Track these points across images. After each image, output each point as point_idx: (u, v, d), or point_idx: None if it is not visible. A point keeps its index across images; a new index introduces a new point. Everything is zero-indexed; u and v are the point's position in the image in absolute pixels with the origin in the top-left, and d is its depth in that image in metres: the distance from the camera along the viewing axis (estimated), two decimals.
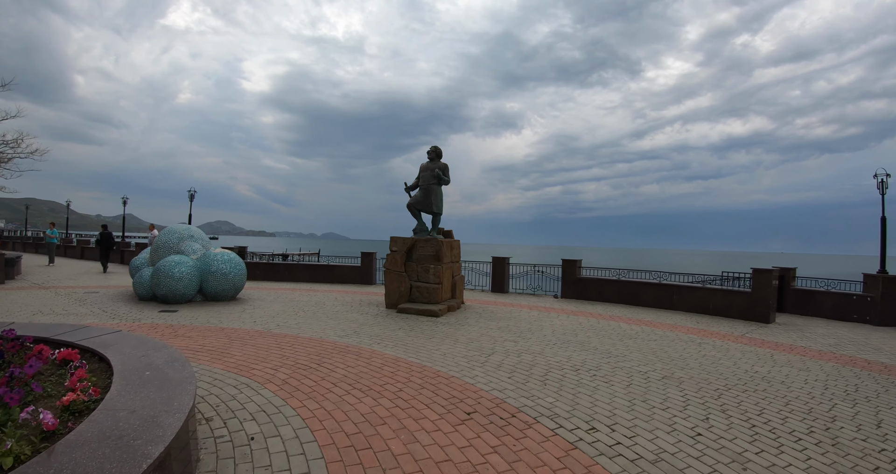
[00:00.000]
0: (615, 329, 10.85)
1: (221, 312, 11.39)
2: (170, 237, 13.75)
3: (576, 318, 12.16)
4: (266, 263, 19.48)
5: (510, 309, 13.33)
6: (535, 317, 12.15)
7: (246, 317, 10.73)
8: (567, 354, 8.19)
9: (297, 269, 18.98)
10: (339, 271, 18.57)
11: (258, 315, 11.06)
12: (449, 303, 12.45)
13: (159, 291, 12.61)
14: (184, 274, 12.56)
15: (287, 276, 18.96)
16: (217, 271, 12.92)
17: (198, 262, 13.10)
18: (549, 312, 12.98)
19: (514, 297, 16.32)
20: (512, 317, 11.85)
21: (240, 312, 11.39)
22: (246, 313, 11.28)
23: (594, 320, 11.99)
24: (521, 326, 10.72)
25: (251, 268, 19.43)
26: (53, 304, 11.97)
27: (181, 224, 14.45)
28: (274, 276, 19.10)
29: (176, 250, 13.55)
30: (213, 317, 10.82)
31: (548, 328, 10.64)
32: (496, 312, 12.58)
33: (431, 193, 12.82)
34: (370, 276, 18.37)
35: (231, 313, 11.28)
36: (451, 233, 13.77)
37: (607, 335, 10.11)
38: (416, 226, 13.11)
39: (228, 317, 10.83)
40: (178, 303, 12.70)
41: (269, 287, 16.93)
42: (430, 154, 13.19)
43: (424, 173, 13.03)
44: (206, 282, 12.97)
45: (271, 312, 11.45)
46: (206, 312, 11.41)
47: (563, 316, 12.50)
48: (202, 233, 14.46)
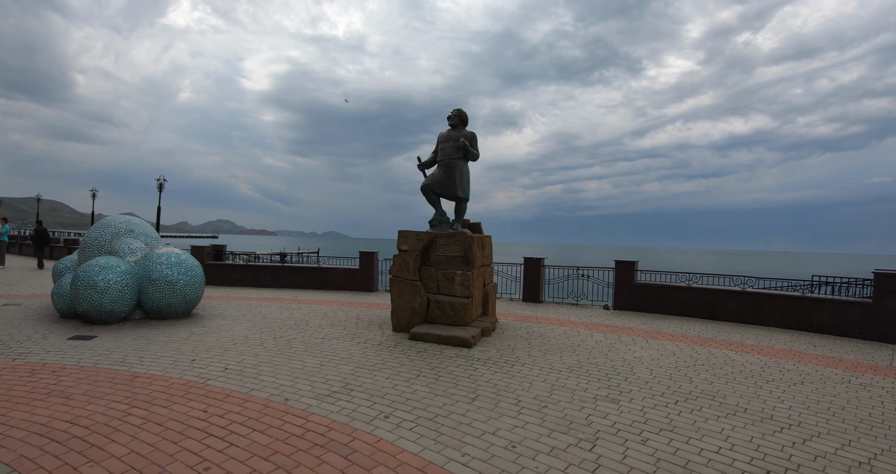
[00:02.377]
0: (727, 362, 7.69)
1: (155, 340, 7.84)
2: (101, 233, 10.18)
3: (658, 343, 8.75)
4: (244, 265, 15.91)
5: (561, 329, 9.78)
6: (602, 342, 8.62)
7: (185, 351, 7.18)
8: (718, 428, 4.76)
9: (283, 272, 15.39)
10: (333, 275, 14.99)
11: (206, 346, 7.50)
12: (482, 323, 8.91)
13: (79, 306, 9.06)
14: (111, 283, 8.99)
15: (269, 281, 15.40)
16: (159, 279, 9.35)
17: (135, 267, 9.53)
18: (615, 333, 9.49)
19: (555, 309, 12.73)
20: (574, 345, 8.31)
21: (181, 340, 7.83)
22: (190, 342, 7.71)
23: (684, 346, 8.69)
24: (597, 362, 7.23)
25: (227, 272, 15.88)
26: None
27: (122, 215, 10.89)
28: (253, 281, 15.55)
29: (108, 250, 9.98)
30: (138, 349, 7.29)
31: (637, 364, 7.23)
32: (546, 336, 9.02)
33: (455, 171, 9.25)
34: (370, 281, 14.78)
35: (168, 342, 7.71)
36: (480, 225, 10.19)
37: (729, 376, 6.91)
38: (433, 216, 9.54)
39: (161, 349, 7.29)
40: (107, 322, 9.15)
41: (244, 295, 13.36)
42: (452, 119, 9.62)
43: (444, 145, 9.47)
44: (145, 294, 9.41)
45: (228, 340, 7.88)
46: (132, 340, 7.86)
47: (640, 339, 9.00)
48: (149, 226, 10.89)
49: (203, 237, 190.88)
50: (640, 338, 9.18)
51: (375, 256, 14.86)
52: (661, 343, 8.87)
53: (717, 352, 8.27)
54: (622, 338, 9.19)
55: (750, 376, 6.85)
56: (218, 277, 15.94)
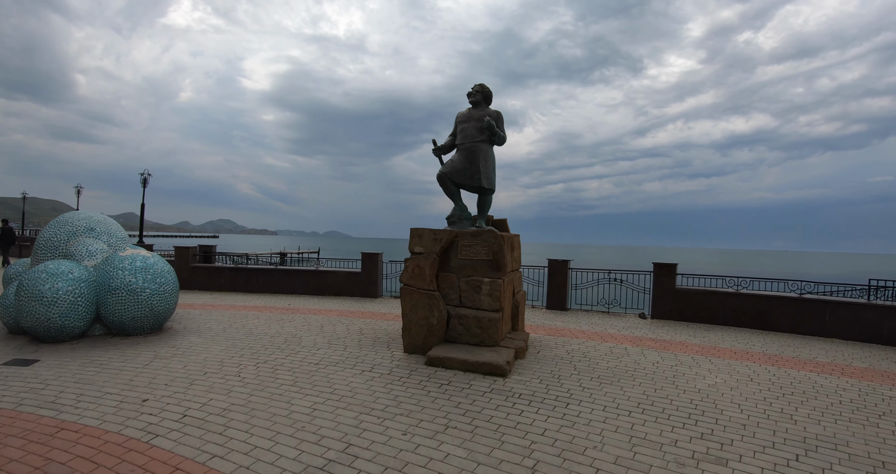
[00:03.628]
0: (816, 388, 6.34)
1: (107, 367, 6.21)
2: (56, 232, 8.54)
3: (724, 364, 7.32)
4: (233, 268, 14.25)
5: (604, 346, 8.15)
6: (660, 364, 7.07)
7: (140, 385, 5.55)
8: None
9: (276, 276, 13.72)
10: (332, 279, 13.33)
11: (168, 376, 5.86)
12: (513, 342, 7.28)
13: (24, 321, 7.45)
14: (61, 293, 7.36)
15: (261, 285, 13.75)
16: (121, 287, 7.71)
17: (92, 273, 7.90)
18: (668, 350, 7.94)
19: (586, 319, 11.07)
20: (629, 370, 6.71)
21: (140, 368, 6.19)
22: (149, 371, 6.07)
23: (755, 367, 7.25)
24: (668, 395, 5.75)
25: (214, 275, 14.24)
26: None
27: (82, 211, 9.26)
28: (244, 285, 13.90)
29: (63, 253, 8.36)
30: (82, 381, 5.68)
31: (718, 396, 5.78)
32: (591, 356, 7.39)
33: (478, 157, 7.64)
34: (374, 286, 13.12)
35: (122, 371, 6.08)
36: (506, 222, 8.55)
37: (832, 410, 5.55)
38: (451, 211, 7.91)
39: (110, 381, 5.67)
40: (57, 339, 7.54)
41: (231, 303, 11.72)
42: (474, 96, 8.00)
43: (465, 125, 7.85)
44: (104, 306, 7.77)
45: (197, 368, 6.24)
46: (80, 367, 6.24)
47: (701, 359, 7.51)
48: (114, 224, 9.25)
49: (204, 237, 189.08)
50: (699, 357, 7.60)
51: (379, 258, 13.19)
52: (728, 363, 7.31)
53: (798, 375, 6.78)
54: (679, 356, 7.59)
55: (855, 409, 5.48)
56: (205, 281, 14.30)
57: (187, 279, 14.33)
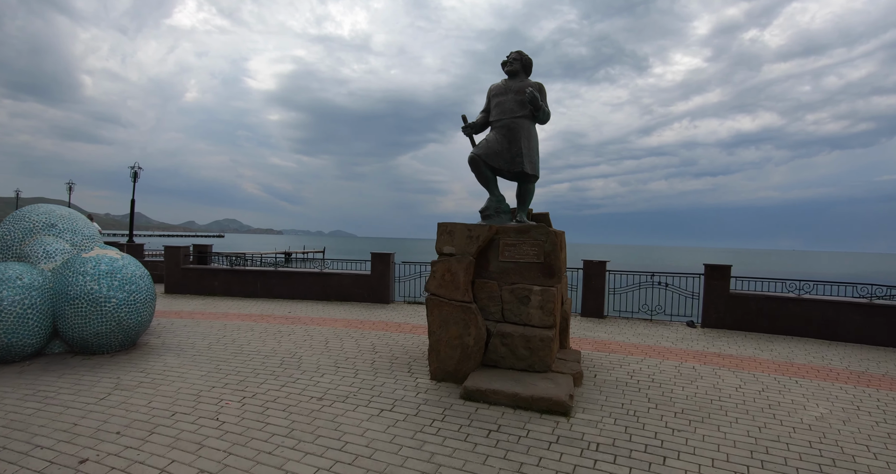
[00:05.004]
0: None
1: (51, 402, 4.78)
2: (10, 229, 7.12)
3: (815, 386, 5.94)
4: (228, 270, 12.79)
5: (668, 364, 6.69)
6: (745, 390, 5.68)
7: (84, 432, 4.12)
8: None
9: (276, 279, 12.23)
10: (338, 282, 11.85)
11: (124, 419, 4.41)
12: (565, 364, 5.83)
13: None
14: (5, 303, 5.94)
15: (259, 289, 12.29)
16: (81, 296, 6.27)
17: (48, 279, 6.48)
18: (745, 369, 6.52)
19: (630, 328, 9.57)
20: (715, 400, 5.31)
21: (91, 404, 4.75)
22: (101, 410, 4.62)
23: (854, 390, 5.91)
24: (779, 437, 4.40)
25: (207, 278, 12.80)
26: None
27: (43, 204, 7.84)
28: (239, 289, 12.44)
29: (16, 254, 6.94)
30: (11, 425, 4.27)
31: (839, 437, 4.49)
32: (662, 381, 5.93)
33: (519, 135, 6.21)
34: (385, 290, 11.63)
35: (67, 409, 4.63)
36: (548, 216, 7.05)
37: None
38: (486, 202, 6.45)
39: (48, 425, 4.25)
40: (5, 360, 6.14)
41: (224, 310, 10.27)
42: (512, 64, 6.56)
43: (502, 99, 6.42)
44: (61, 318, 6.34)
45: (165, 404, 4.78)
46: (17, 403, 4.82)
47: (786, 380, 6.12)
48: (81, 219, 7.82)
49: (209, 236, 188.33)
50: (782, 377, 6.30)
51: (390, 259, 11.71)
52: (817, 385, 6.02)
53: None
54: (759, 377, 6.26)
55: None
56: (197, 285, 12.86)
57: (177, 282, 12.91)
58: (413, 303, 11.54)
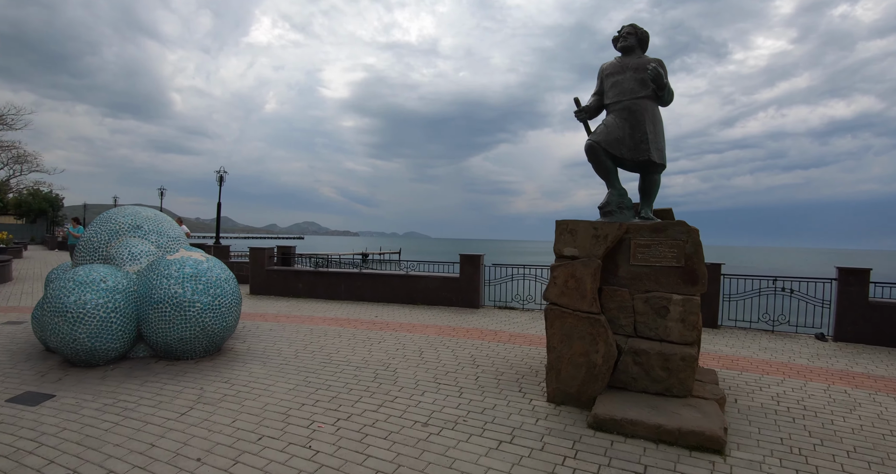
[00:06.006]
0: None
1: (132, 413, 4.34)
2: (97, 231, 6.93)
3: None
4: (313, 272, 12.45)
5: (811, 386, 5.53)
6: None
7: (158, 458, 3.59)
8: None
9: (360, 281, 11.73)
10: (425, 285, 11.21)
11: (207, 442, 3.85)
12: (705, 386, 4.85)
13: (49, 340, 5.84)
14: (89, 307, 5.63)
15: (343, 292, 11.85)
16: (164, 300, 5.89)
17: (133, 281, 6.16)
18: None
19: (752, 341, 8.30)
20: (883, 434, 4.14)
21: (174, 418, 4.27)
22: (182, 427, 4.11)
23: None
24: None
25: (291, 279, 12.52)
26: None
27: (131, 206, 7.64)
28: (324, 291, 12.06)
29: (103, 256, 6.71)
30: (85, 443, 3.82)
31: None
32: (809, 406, 4.83)
33: (643, 118, 5.30)
34: (474, 295, 10.87)
35: (148, 424, 4.16)
36: (671, 212, 6.03)
37: None
38: (606, 197, 5.54)
39: (122, 445, 3.78)
40: (90, 364, 5.85)
41: (309, 312, 9.84)
42: (626, 39, 5.65)
43: (619, 78, 5.51)
44: (145, 322, 6.00)
45: (251, 423, 4.20)
46: (96, 412, 4.44)
47: None
48: (167, 221, 7.56)
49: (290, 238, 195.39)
50: None
51: (480, 261, 10.95)
52: None
53: None
54: None
55: None
56: (282, 286, 12.62)
57: (262, 283, 12.72)
58: (504, 309, 10.72)
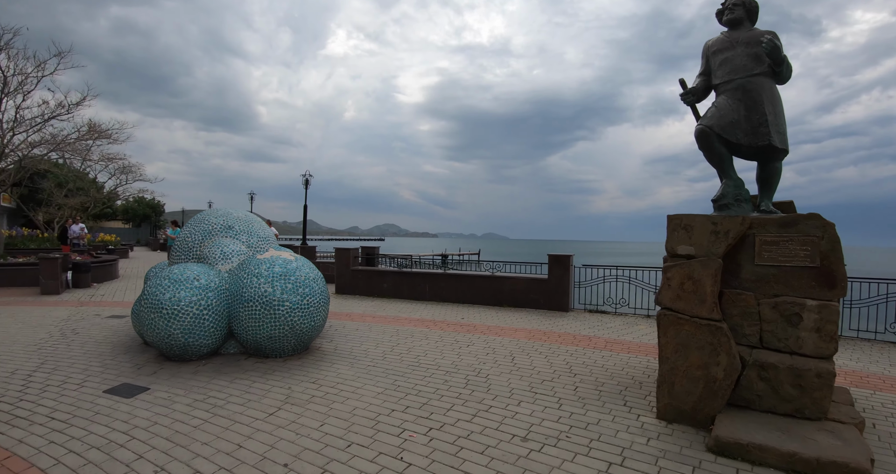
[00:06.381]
0: None
1: (221, 410, 4.30)
2: (191, 232, 7.10)
3: None
4: (397, 272, 12.37)
5: None
6: None
7: (245, 459, 3.46)
8: None
9: (444, 281, 11.54)
10: (511, 286, 10.81)
11: (294, 447, 3.69)
12: (840, 408, 4.19)
13: (146, 334, 6.02)
14: (183, 304, 5.70)
15: (427, 292, 11.69)
16: (254, 298, 5.87)
17: (224, 280, 6.21)
18: None
19: (883, 355, 7.29)
20: None
21: (262, 418, 4.16)
22: (269, 428, 3.98)
23: None
24: None
25: (376, 279, 12.52)
26: None
27: (222, 208, 7.79)
28: (408, 291, 11.95)
29: (196, 255, 6.84)
30: (174, 438, 3.77)
31: None
32: None
33: (760, 98, 4.70)
34: (564, 297, 10.34)
35: (236, 423, 4.08)
36: (793, 204, 5.32)
37: None
38: (721, 189, 4.96)
39: (210, 443, 3.70)
40: (183, 358, 5.94)
41: (394, 313, 9.72)
42: (731, 11, 5.07)
43: (729, 55, 4.94)
44: (236, 320, 6.01)
45: (338, 431, 4.00)
46: (186, 408, 4.44)
47: None
48: (257, 221, 7.64)
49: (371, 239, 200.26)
50: None
51: (570, 261, 10.42)
52: None
53: None
54: None
55: None
56: (367, 286, 12.64)
57: (348, 283, 12.79)
58: (595, 312, 10.14)
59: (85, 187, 29.59)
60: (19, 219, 36.41)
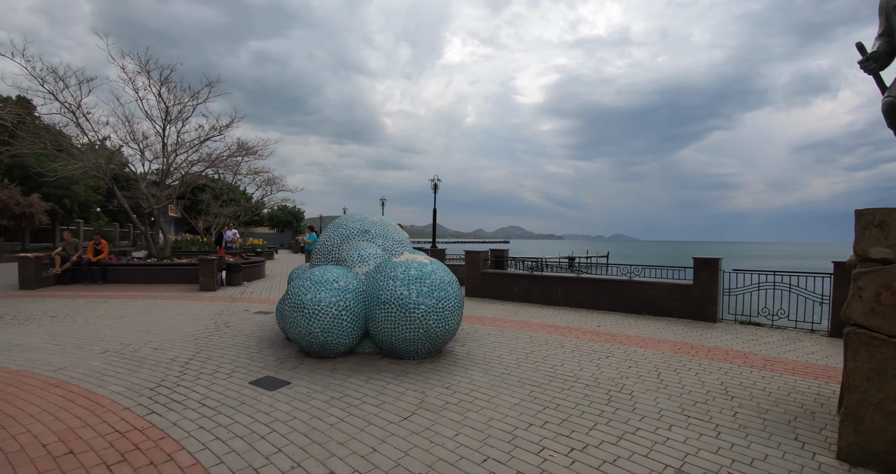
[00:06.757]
0: None
1: (356, 411, 4.31)
2: (330, 236, 7.38)
3: None
4: (527, 275, 12.08)
5: None
6: None
7: (379, 465, 3.39)
8: None
9: (576, 286, 11.07)
10: (652, 293, 10.05)
11: (428, 457, 3.58)
12: None
13: (288, 332, 6.35)
14: (324, 304, 5.90)
15: (559, 297, 11.28)
16: (391, 301, 5.92)
17: (362, 282, 6.35)
18: None
19: None
20: None
21: (393, 424, 4.10)
22: (403, 433, 3.92)
23: None
24: None
25: (506, 282, 12.35)
26: (151, 332, 7.04)
27: (358, 213, 8.02)
28: (539, 296, 11.63)
29: (335, 258, 7.08)
30: (311, 435, 3.86)
31: None
32: None
33: None
34: (711, 306, 9.41)
35: (371, 424, 4.07)
36: None
37: None
38: None
39: (345, 443, 3.70)
40: (322, 356, 6.16)
41: (525, 318, 9.47)
42: None
43: None
44: (372, 321, 6.11)
45: (474, 443, 3.83)
46: (323, 405, 4.55)
47: None
48: (392, 225, 7.77)
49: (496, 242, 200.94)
50: None
51: (718, 265, 9.48)
52: None
53: None
54: None
55: None
56: (496, 289, 12.51)
57: (478, 286, 12.73)
58: (748, 324, 9.14)
59: (236, 198, 33.95)
60: (183, 226, 42.67)
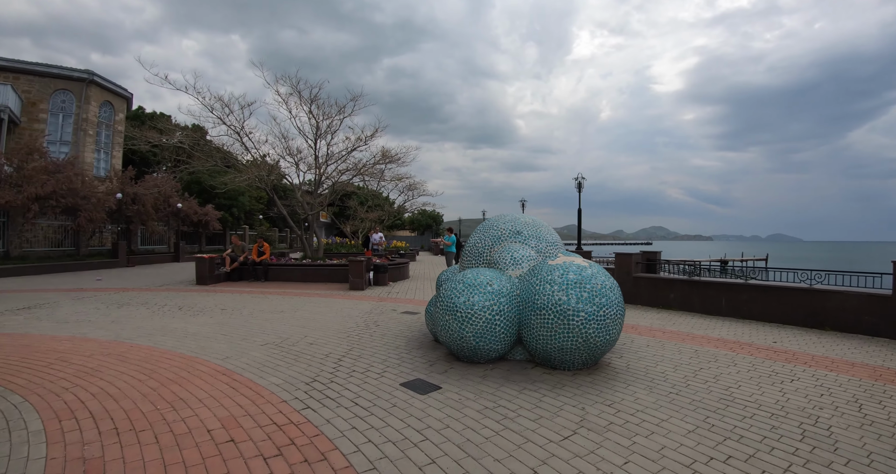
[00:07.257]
0: None
1: (512, 425, 4.13)
2: (481, 237, 7.29)
3: None
4: (686, 280, 11.13)
5: None
6: None
7: None
8: None
9: (745, 294, 9.90)
10: (838, 303, 8.61)
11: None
12: None
13: (439, 334, 6.33)
14: (476, 308, 5.79)
15: (721, 306, 10.21)
16: (547, 306, 5.65)
17: (515, 286, 6.16)
18: None
19: None
20: None
21: (552, 443, 3.83)
22: (564, 455, 3.63)
23: None
24: None
25: (662, 288, 11.51)
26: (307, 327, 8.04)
27: (509, 214, 7.84)
28: (697, 304, 10.63)
29: (486, 260, 6.97)
30: (466, 447, 3.71)
31: None
32: None
33: None
34: None
35: (528, 441, 3.84)
36: None
37: None
38: None
39: (503, 461, 3.49)
40: (472, 361, 6.07)
41: (686, 329, 8.67)
42: None
43: None
44: (526, 328, 5.89)
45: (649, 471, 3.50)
46: (476, 414, 4.41)
47: None
48: (544, 227, 7.48)
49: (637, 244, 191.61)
50: None
51: None
52: None
53: None
54: None
55: None
56: (650, 295, 11.72)
57: (629, 292, 11.95)
58: None
59: (381, 203, 36.55)
60: (333, 230, 47.76)
